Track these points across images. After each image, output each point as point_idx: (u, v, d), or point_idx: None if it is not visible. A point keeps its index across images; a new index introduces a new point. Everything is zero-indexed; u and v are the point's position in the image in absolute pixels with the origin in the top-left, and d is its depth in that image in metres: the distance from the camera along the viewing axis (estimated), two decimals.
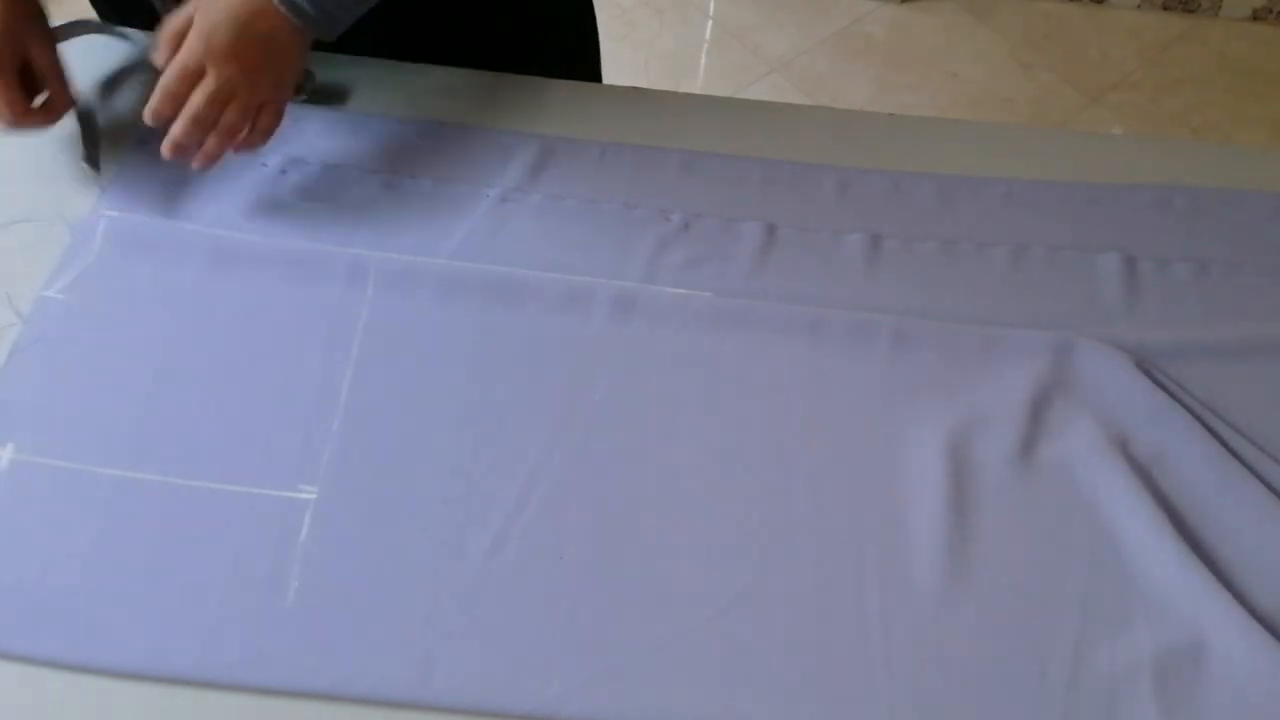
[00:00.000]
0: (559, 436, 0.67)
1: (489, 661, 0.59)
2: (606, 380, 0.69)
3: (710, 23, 1.98)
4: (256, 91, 0.69)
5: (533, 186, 0.79)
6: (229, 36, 0.67)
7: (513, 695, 0.58)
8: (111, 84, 0.83)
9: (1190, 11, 1.97)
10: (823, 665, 0.59)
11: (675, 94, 0.84)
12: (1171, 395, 0.69)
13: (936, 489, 0.65)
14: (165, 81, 0.68)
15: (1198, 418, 0.68)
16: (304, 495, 0.64)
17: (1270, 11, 1.95)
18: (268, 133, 0.72)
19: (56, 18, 0.77)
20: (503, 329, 0.71)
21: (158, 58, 0.69)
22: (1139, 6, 1.97)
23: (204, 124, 0.69)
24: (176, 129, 0.69)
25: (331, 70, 0.83)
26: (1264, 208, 0.80)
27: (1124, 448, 0.67)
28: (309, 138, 0.81)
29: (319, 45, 0.74)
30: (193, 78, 0.68)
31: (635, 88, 0.86)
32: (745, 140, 0.82)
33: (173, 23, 0.69)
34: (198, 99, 0.68)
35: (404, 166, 0.79)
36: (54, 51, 0.74)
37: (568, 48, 0.94)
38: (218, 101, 0.68)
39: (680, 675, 0.59)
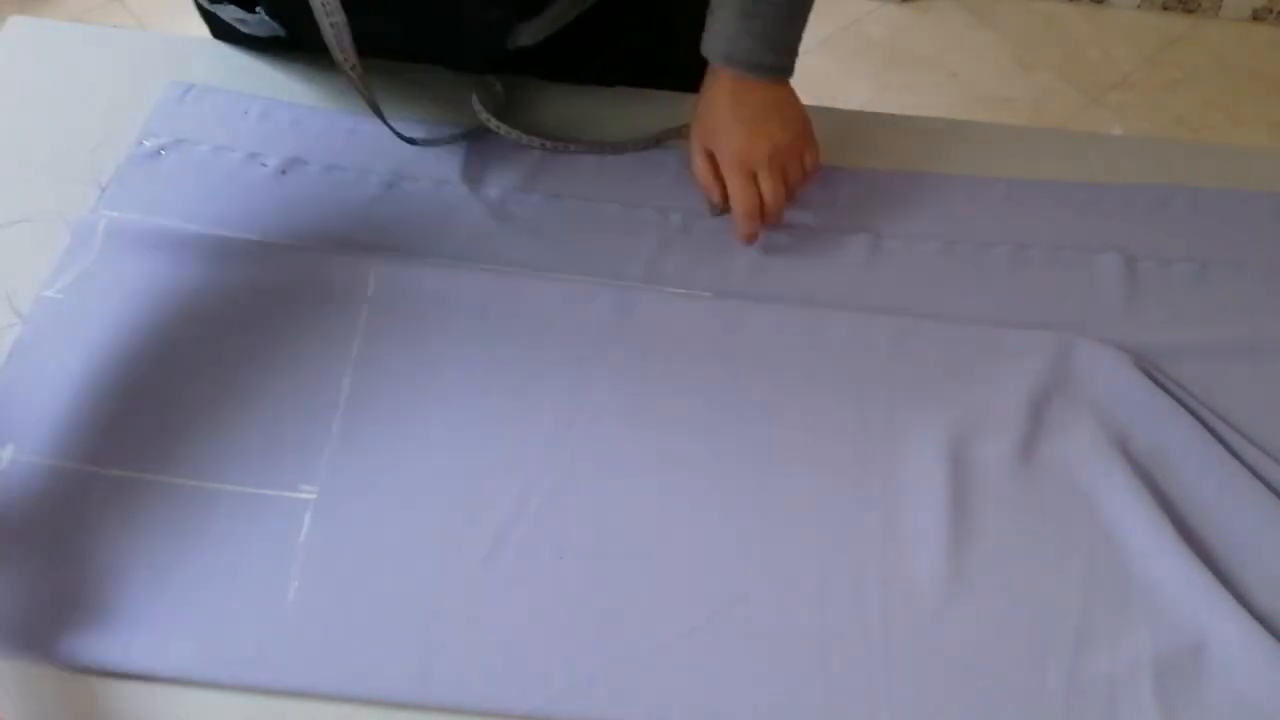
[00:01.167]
0: (559, 436, 0.67)
1: (489, 661, 0.59)
2: (606, 380, 0.69)
3: None
4: (794, 151, 0.74)
5: (533, 186, 0.79)
6: (742, 136, 0.72)
7: (513, 695, 0.58)
8: (123, 84, 0.83)
9: (1190, 11, 1.96)
10: (823, 665, 0.59)
11: (675, 95, 0.84)
12: (1171, 395, 0.69)
13: (937, 489, 0.65)
14: (741, 212, 0.73)
15: (1198, 418, 0.68)
16: (304, 495, 0.64)
17: (1270, 11, 1.95)
18: (814, 167, 0.76)
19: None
20: (502, 329, 0.71)
21: (711, 198, 0.76)
22: (1139, 6, 1.97)
23: (783, 206, 0.74)
24: (770, 226, 0.75)
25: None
26: (1264, 208, 0.80)
27: (1124, 448, 0.67)
28: (309, 138, 0.81)
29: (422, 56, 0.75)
30: (755, 189, 0.73)
31: (636, 89, 0.86)
32: None
33: (696, 162, 0.75)
34: (770, 200, 0.73)
35: (404, 167, 0.79)
36: None
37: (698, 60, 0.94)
38: (781, 186, 0.73)
39: (680, 675, 0.59)
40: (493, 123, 0.78)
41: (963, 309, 0.74)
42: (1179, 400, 0.68)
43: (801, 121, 0.75)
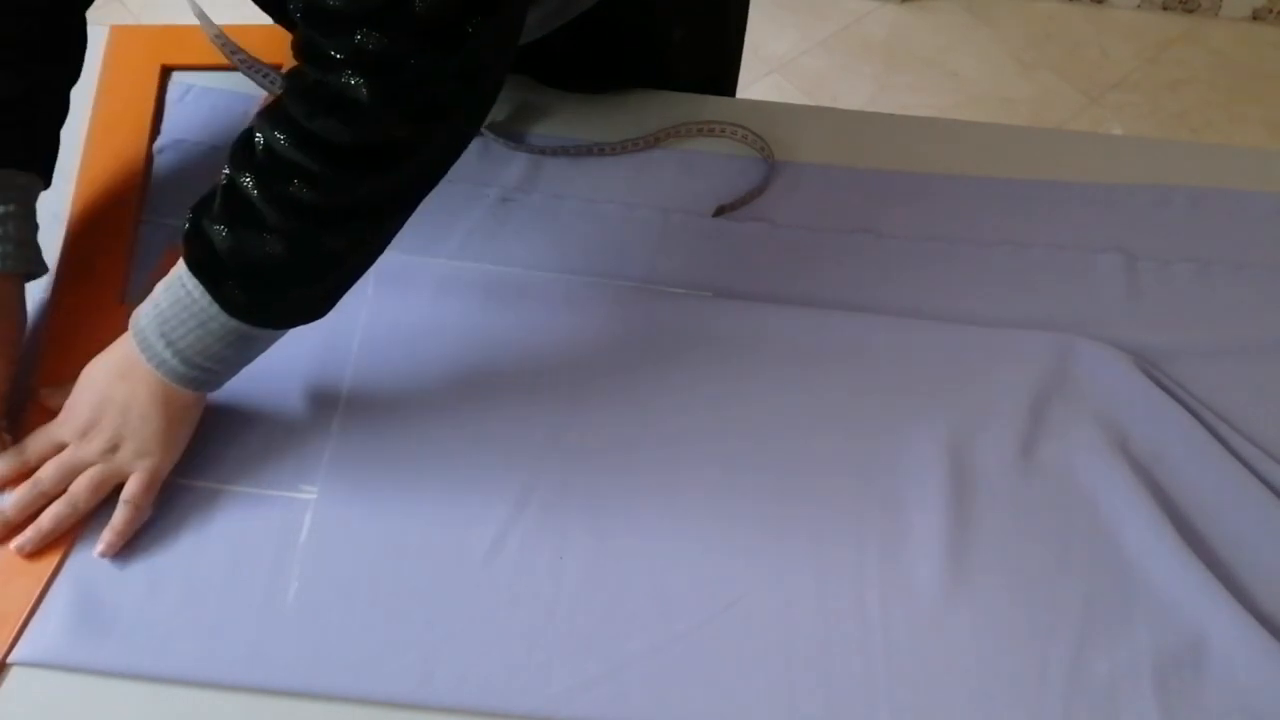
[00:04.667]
0: (558, 437, 0.67)
1: (489, 662, 0.59)
2: (605, 380, 0.69)
3: None
4: (115, 460, 0.61)
5: (533, 186, 0.79)
6: (88, 408, 0.61)
7: (513, 695, 0.58)
8: None
9: (1190, 11, 1.96)
10: (823, 665, 0.59)
11: (675, 95, 0.84)
12: (1171, 395, 0.69)
13: (936, 489, 0.65)
14: (24, 450, 0.63)
15: (1198, 418, 0.68)
16: (304, 495, 0.64)
17: (1270, 11, 1.95)
18: (133, 507, 0.61)
19: None
20: (502, 329, 0.71)
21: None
22: (1139, 6, 1.97)
23: (45, 495, 0.61)
24: (11, 499, 0.61)
25: None
26: (1264, 208, 0.80)
27: (1124, 448, 0.67)
28: None
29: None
30: (54, 452, 0.62)
31: (635, 89, 0.86)
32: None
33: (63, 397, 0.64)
34: (46, 470, 0.61)
35: None
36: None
37: (730, 51, 0.92)
38: (67, 471, 0.61)
39: (680, 675, 0.59)
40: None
41: (963, 309, 0.74)
42: (1179, 400, 0.68)
43: (162, 457, 0.62)
